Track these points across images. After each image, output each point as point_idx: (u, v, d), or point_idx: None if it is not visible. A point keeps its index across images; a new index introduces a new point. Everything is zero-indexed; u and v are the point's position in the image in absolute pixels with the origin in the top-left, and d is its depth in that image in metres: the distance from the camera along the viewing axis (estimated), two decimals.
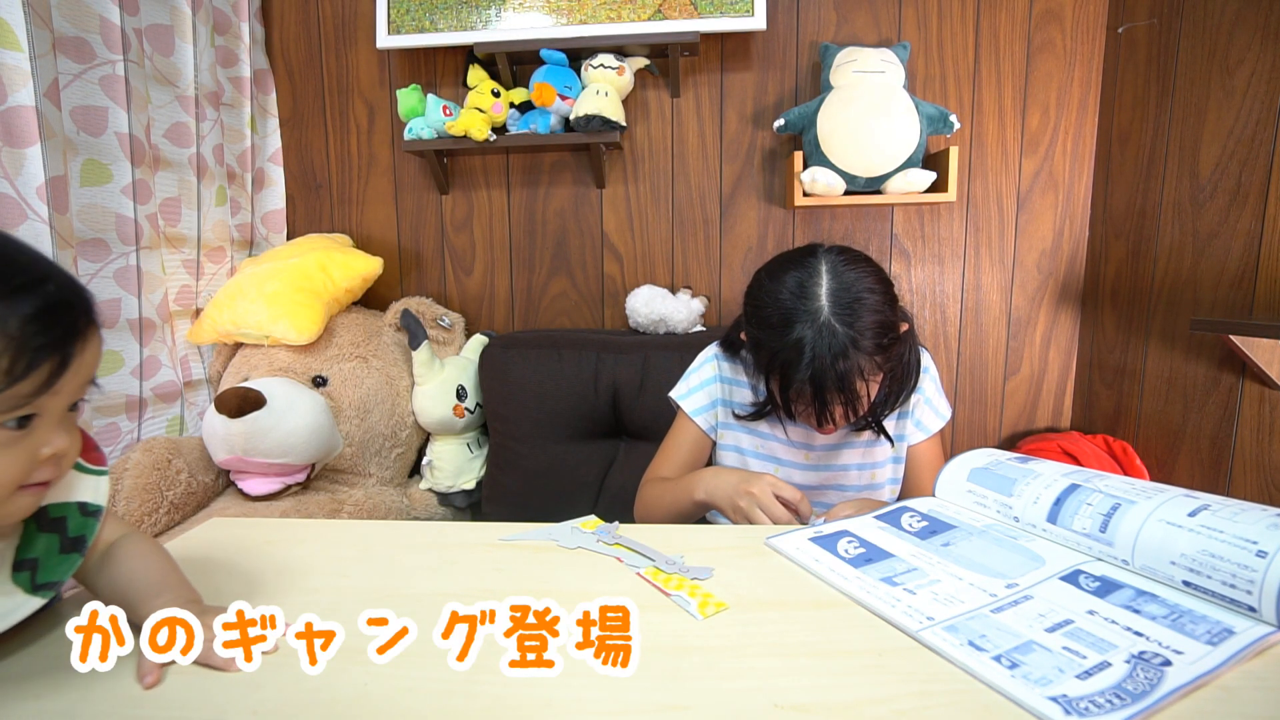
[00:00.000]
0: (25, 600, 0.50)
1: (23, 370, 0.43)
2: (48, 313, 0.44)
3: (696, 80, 1.69)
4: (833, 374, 0.77)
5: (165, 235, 1.46)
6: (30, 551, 0.50)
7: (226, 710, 0.44)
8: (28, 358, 0.43)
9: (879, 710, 0.43)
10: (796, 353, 0.78)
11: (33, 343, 0.43)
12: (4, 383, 0.42)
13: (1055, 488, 0.65)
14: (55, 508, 0.52)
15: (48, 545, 0.51)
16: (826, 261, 0.82)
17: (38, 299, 0.44)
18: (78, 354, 0.46)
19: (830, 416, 0.81)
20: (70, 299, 0.46)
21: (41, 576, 0.50)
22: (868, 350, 0.78)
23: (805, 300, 0.79)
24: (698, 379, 1.04)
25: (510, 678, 0.47)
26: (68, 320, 0.46)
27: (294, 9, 1.76)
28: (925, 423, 0.99)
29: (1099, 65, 1.60)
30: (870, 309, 0.79)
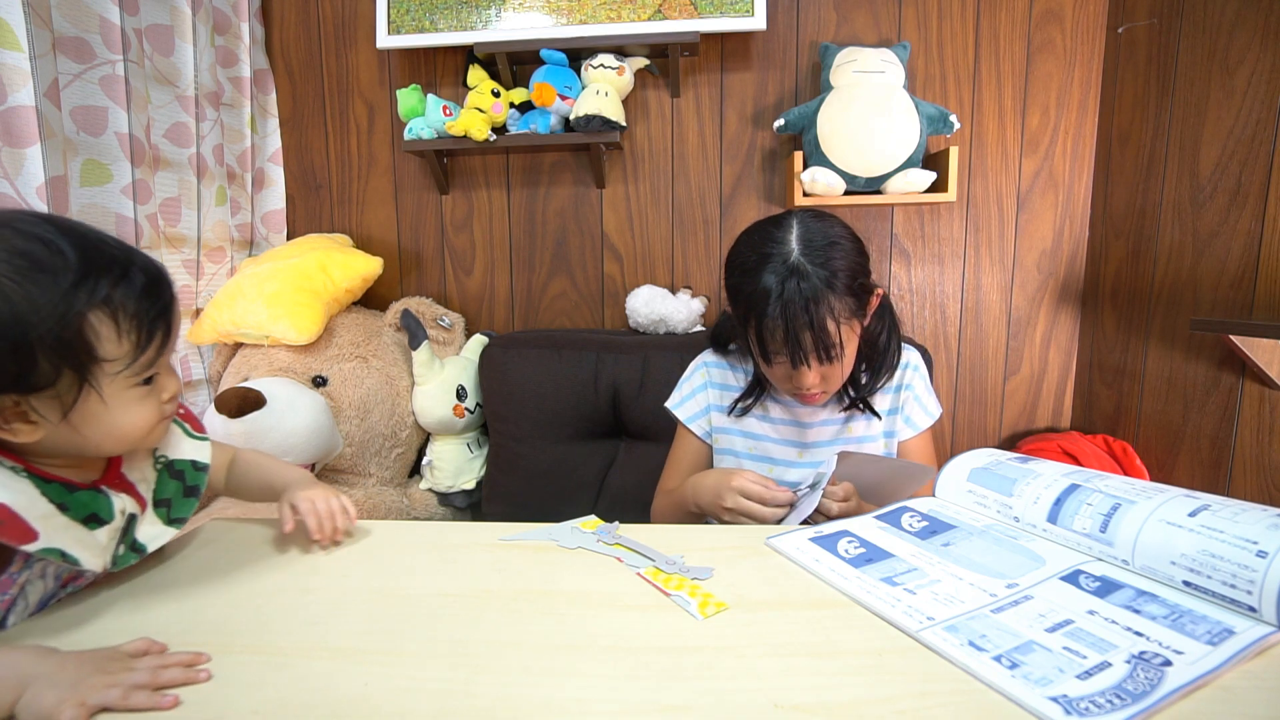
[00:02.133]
0: (165, 530, 0.65)
1: (146, 340, 0.55)
2: (150, 289, 0.56)
3: (696, 80, 1.69)
4: (802, 310, 0.80)
5: (165, 235, 1.46)
6: (164, 493, 0.66)
7: (226, 710, 0.44)
8: (148, 329, 0.55)
9: (879, 710, 0.43)
10: (766, 291, 0.82)
11: (148, 317, 0.55)
12: (135, 353, 0.55)
13: (1055, 488, 0.65)
14: (178, 462, 0.69)
15: (175, 489, 0.67)
16: (797, 216, 0.88)
17: (139, 279, 0.55)
18: (175, 317, 0.59)
19: (804, 358, 0.83)
20: (156, 275, 0.57)
21: (174, 513, 0.66)
22: (838, 290, 0.81)
23: (776, 245, 0.84)
24: (689, 387, 1.07)
25: (510, 677, 0.47)
26: (165, 292, 0.57)
27: (294, 9, 1.76)
28: (915, 419, 1.00)
29: (1099, 65, 1.60)
30: (840, 252, 0.83)
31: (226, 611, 0.57)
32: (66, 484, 0.57)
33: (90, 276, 0.52)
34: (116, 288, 0.53)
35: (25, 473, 0.54)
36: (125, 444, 0.59)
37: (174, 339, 0.59)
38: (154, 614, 0.57)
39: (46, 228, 0.52)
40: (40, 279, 0.50)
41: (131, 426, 0.58)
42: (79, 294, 0.51)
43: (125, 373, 0.55)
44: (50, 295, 0.50)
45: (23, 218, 0.52)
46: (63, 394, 0.52)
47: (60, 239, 0.52)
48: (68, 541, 0.54)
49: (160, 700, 0.43)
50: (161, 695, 0.44)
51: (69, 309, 0.50)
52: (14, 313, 0.49)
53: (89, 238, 0.54)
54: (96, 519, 0.58)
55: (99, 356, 0.53)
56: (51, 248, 0.51)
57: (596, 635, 0.53)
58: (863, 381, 0.96)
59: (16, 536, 0.51)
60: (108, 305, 0.53)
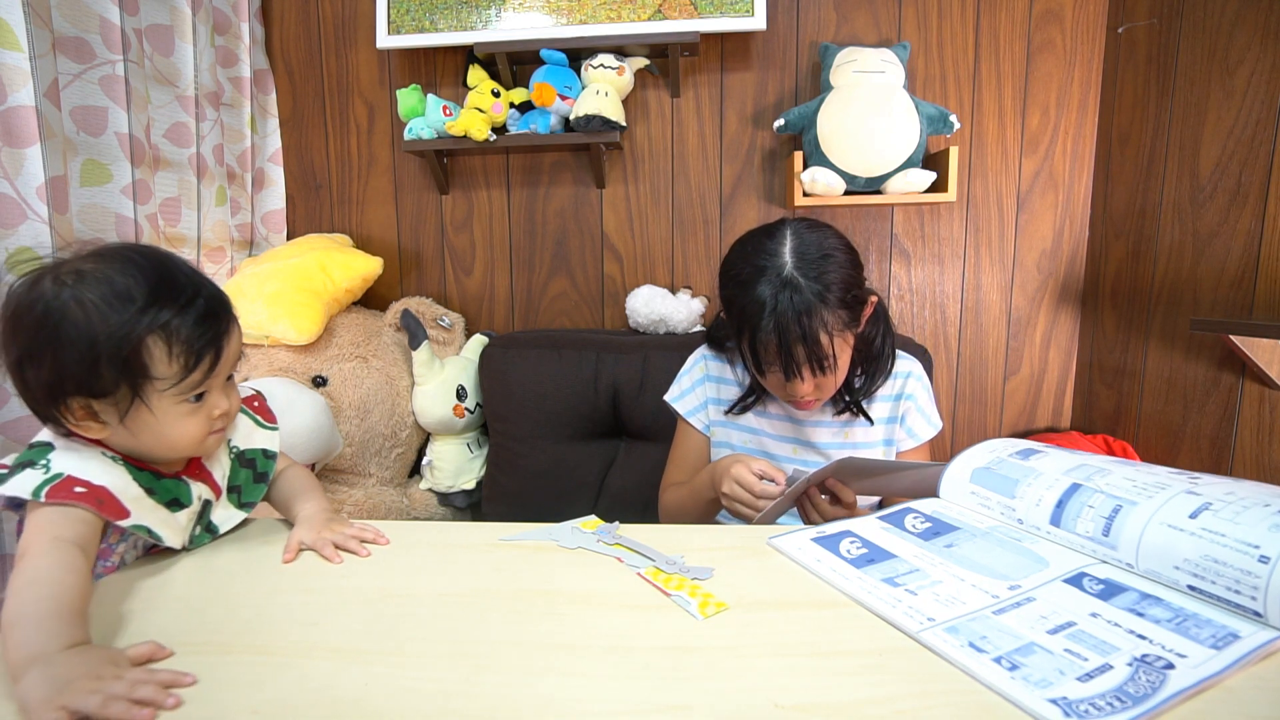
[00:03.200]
0: (236, 513, 0.75)
1: (194, 364, 0.63)
2: (205, 319, 0.64)
3: (696, 80, 1.69)
4: (795, 323, 0.80)
5: (165, 235, 1.46)
6: (236, 480, 0.76)
7: (226, 710, 0.44)
8: (196, 354, 0.63)
9: (879, 710, 0.43)
10: (760, 304, 0.82)
11: (198, 343, 0.63)
12: (183, 374, 0.62)
13: (1057, 489, 0.65)
14: (250, 451, 0.78)
15: (246, 476, 0.77)
16: (791, 227, 0.88)
17: (198, 309, 0.63)
18: (227, 345, 0.66)
19: (797, 371, 0.83)
20: (217, 306, 0.66)
21: (244, 498, 0.76)
22: (831, 304, 0.81)
23: (769, 258, 0.84)
24: (688, 381, 1.07)
25: (510, 678, 0.47)
26: (218, 322, 0.65)
27: (294, 9, 1.76)
28: (916, 430, 1.00)
29: (1099, 65, 1.60)
30: (833, 265, 0.83)
31: (226, 611, 0.57)
32: (154, 472, 0.67)
33: (154, 305, 0.61)
34: (175, 317, 0.61)
35: (121, 461, 0.65)
36: (175, 452, 0.67)
37: (225, 364, 0.66)
38: (154, 614, 0.57)
39: (139, 260, 0.62)
40: (115, 304, 0.59)
41: (179, 437, 0.65)
42: (142, 319, 0.60)
43: (172, 391, 0.63)
44: (119, 318, 0.59)
45: (125, 251, 0.63)
46: (120, 402, 0.61)
47: (141, 271, 0.61)
48: (154, 520, 0.64)
49: (137, 713, 0.43)
50: (138, 709, 0.43)
51: (131, 331, 0.59)
52: (90, 330, 0.59)
53: (167, 270, 0.64)
54: (178, 503, 0.68)
55: (151, 375, 0.61)
56: (133, 278, 0.61)
57: (596, 635, 0.53)
58: (857, 385, 0.96)
59: (113, 513, 0.61)
60: (164, 331, 0.61)
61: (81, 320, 0.59)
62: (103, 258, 0.62)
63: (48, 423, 0.64)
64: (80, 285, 0.60)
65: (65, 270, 0.61)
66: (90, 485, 0.61)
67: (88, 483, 0.61)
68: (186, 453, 0.69)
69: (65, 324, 0.59)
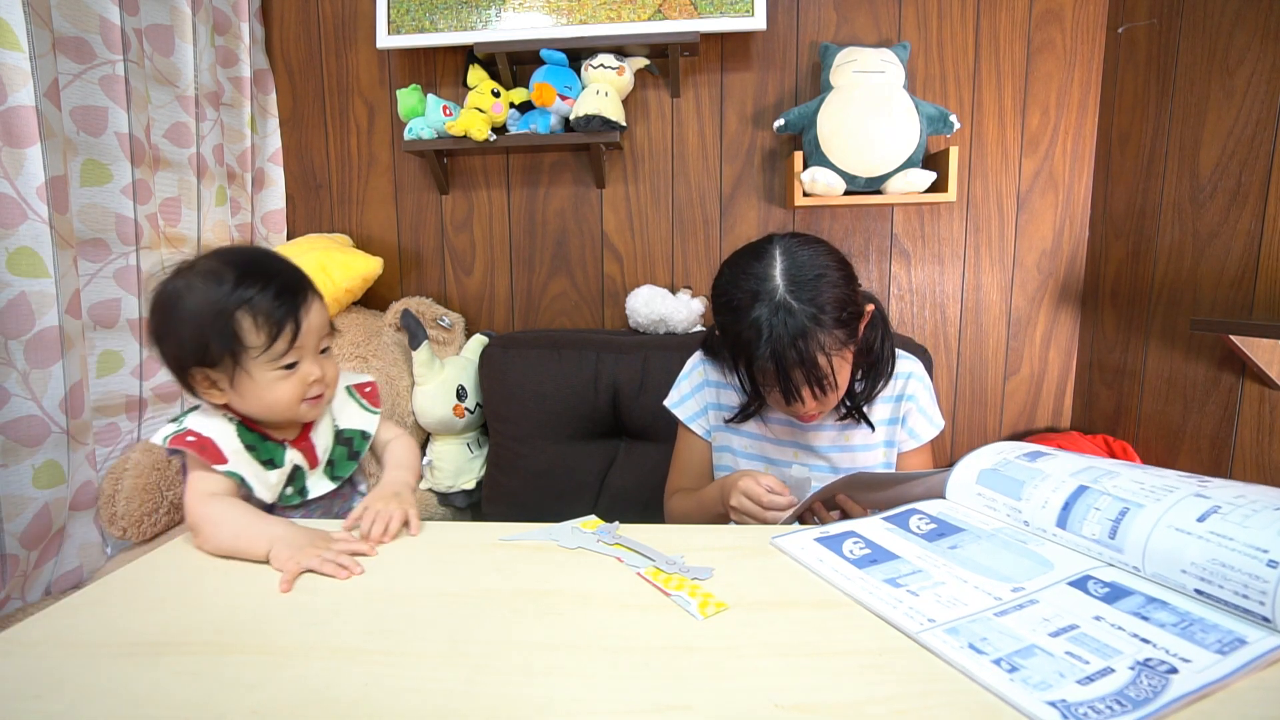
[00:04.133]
0: (327, 483, 0.86)
1: (276, 333, 0.74)
2: (282, 294, 0.75)
3: (696, 80, 1.69)
4: (791, 348, 0.79)
5: (165, 235, 1.46)
6: (333, 455, 0.87)
7: (226, 710, 0.44)
8: (277, 324, 0.74)
9: (879, 710, 0.43)
10: (755, 332, 0.80)
11: (276, 316, 0.74)
12: (268, 343, 0.74)
13: (1063, 491, 0.64)
14: (349, 430, 0.89)
15: (341, 453, 0.88)
16: (781, 245, 0.85)
17: (275, 285, 0.75)
18: (305, 317, 0.77)
19: (796, 393, 0.82)
20: (294, 284, 0.77)
21: (336, 471, 0.88)
22: (826, 325, 0.80)
23: (761, 282, 0.82)
24: (688, 386, 1.06)
25: (510, 677, 0.47)
26: (294, 297, 0.76)
27: (294, 9, 1.76)
28: (918, 431, 1.00)
29: (1099, 65, 1.60)
30: (827, 284, 0.81)
31: (226, 611, 0.57)
32: (263, 435, 0.81)
33: (240, 286, 0.73)
34: (257, 294, 0.73)
35: (236, 422, 0.79)
36: (275, 414, 0.79)
37: (307, 334, 0.77)
38: (154, 613, 0.57)
39: (233, 253, 0.77)
40: (212, 287, 0.73)
41: (275, 400, 0.77)
42: (231, 298, 0.73)
43: (263, 358, 0.74)
44: (215, 298, 0.73)
45: (226, 248, 0.78)
46: (227, 370, 0.74)
47: (233, 261, 0.75)
48: (247, 472, 0.77)
49: (340, 572, 0.62)
50: (340, 568, 0.63)
51: (224, 308, 0.72)
52: (197, 310, 0.73)
53: (254, 260, 0.77)
54: (272, 464, 0.80)
55: (244, 344, 0.73)
56: (226, 266, 0.74)
57: (596, 635, 0.52)
58: (858, 390, 0.95)
59: (212, 458, 0.75)
60: (249, 306, 0.73)
61: (189, 302, 0.73)
62: (209, 254, 0.77)
63: (187, 391, 0.78)
64: (189, 274, 0.75)
65: (184, 266, 0.76)
66: (199, 436, 0.76)
67: (198, 434, 0.76)
68: (286, 415, 0.79)
69: (179, 307, 0.74)
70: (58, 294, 1.13)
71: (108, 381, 1.31)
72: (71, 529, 1.22)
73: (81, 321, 1.21)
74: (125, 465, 1.28)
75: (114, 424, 1.32)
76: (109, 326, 1.30)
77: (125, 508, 1.24)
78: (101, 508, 1.27)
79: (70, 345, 1.16)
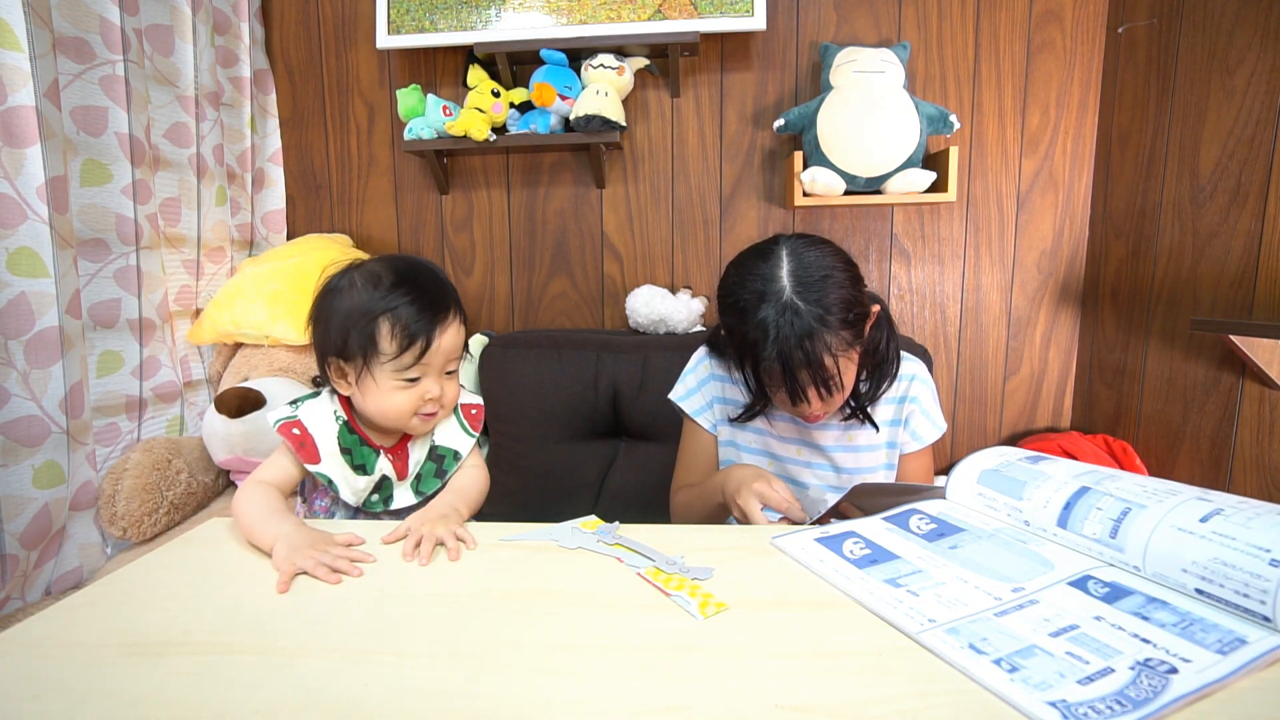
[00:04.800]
0: (410, 496, 0.87)
1: (407, 345, 0.77)
2: (424, 312, 0.78)
3: (696, 80, 1.69)
4: (798, 350, 0.79)
5: (165, 235, 1.46)
6: (422, 469, 0.88)
7: (226, 710, 0.44)
8: (409, 340, 0.77)
9: (879, 710, 0.43)
10: (762, 333, 0.80)
11: (412, 330, 0.77)
12: (397, 354, 0.77)
13: (1065, 491, 0.64)
14: (443, 448, 0.89)
15: (430, 469, 0.88)
16: (787, 246, 0.85)
17: (421, 301, 0.78)
18: (439, 337, 0.79)
19: (802, 394, 0.82)
20: (435, 298, 0.79)
21: (422, 486, 0.88)
22: (833, 326, 0.80)
23: (768, 283, 0.82)
24: (694, 380, 1.05)
25: (510, 677, 0.47)
26: (435, 316, 0.79)
27: (294, 9, 1.76)
28: (920, 433, 1.00)
29: (1099, 65, 1.60)
30: (833, 285, 0.81)
31: (226, 611, 0.57)
32: (364, 439, 0.84)
33: (391, 293, 0.77)
34: (401, 304, 0.77)
35: (343, 422, 0.83)
36: (385, 420, 0.81)
37: (436, 354, 0.79)
38: (154, 613, 0.57)
39: (397, 261, 0.82)
40: (366, 291, 0.78)
41: (389, 407, 0.79)
42: (379, 303, 0.77)
43: (389, 365, 0.78)
44: (366, 299, 0.77)
45: (394, 255, 0.82)
46: (357, 367, 0.78)
47: (394, 269, 0.80)
48: (337, 474, 0.81)
49: (330, 577, 0.62)
50: (333, 574, 0.62)
51: (370, 310, 0.77)
52: (349, 306, 0.78)
53: (412, 272, 0.80)
54: (363, 470, 0.83)
55: (377, 348, 0.77)
56: (387, 272, 0.79)
57: (597, 635, 0.52)
58: (863, 390, 0.95)
59: (308, 457, 0.80)
60: (392, 314, 0.77)
61: (346, 297, 0.78)
62: (379, 258, 0.82)
63: (323, 376, 0.83)
64: (356, 272, 0.80)
65: (356, 263, 0.82)
66: (304, 431, 0.81)
67: (304, 429, 0.81)
68: (397, 423, 0.81)
69: (336, 299, 0.79)
70: (58, 294, 1.13)
71: (108, 381, 1.31)
72: (71, 529, 1.22)
73: (81, 321, 1.21)
74: (125, 465, 1.28)
75: (114, 424, 1.32)
76: (109, 326, 1.30)
77: (125, 508, 1.24)
78: (101, 508, 1.27)
79: (70, 345, 1.16)
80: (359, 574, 0.64)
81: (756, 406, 0.98)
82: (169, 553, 0.70)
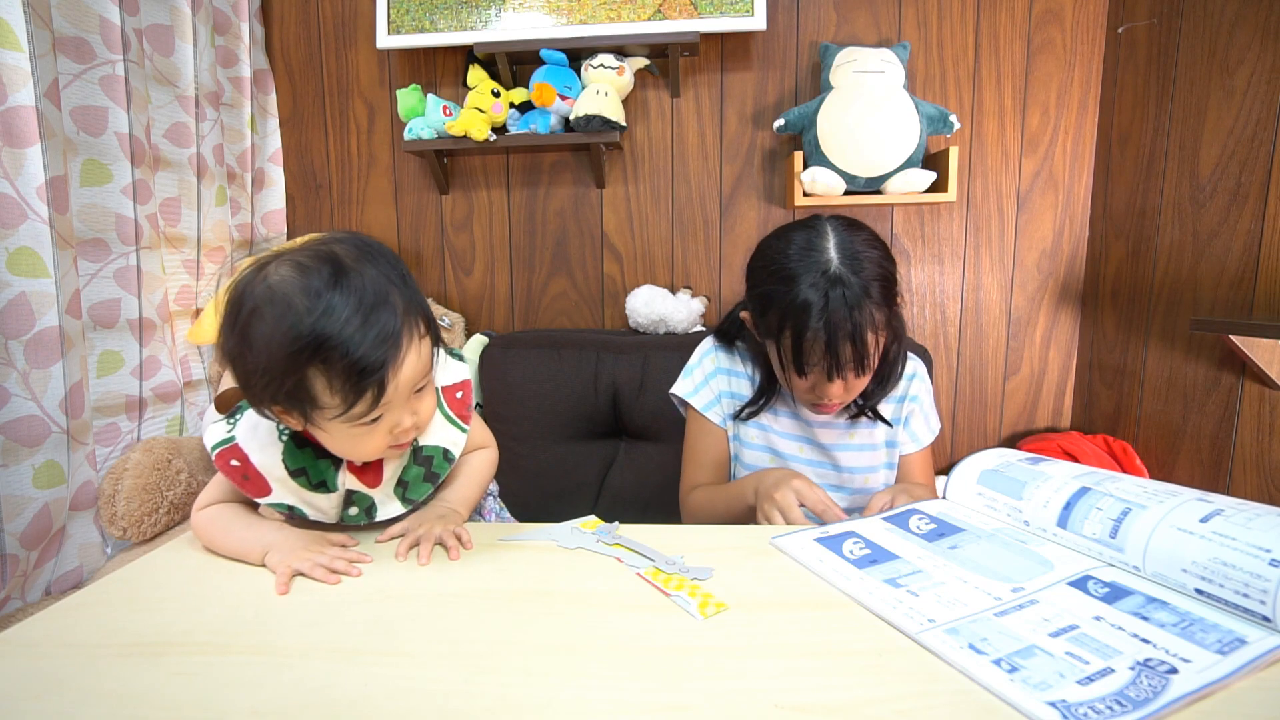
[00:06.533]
0: (398, 506, 0.74)
1: (355, 399, 0.60)
2: (365, 342, 0.59)
3: (696, 80, 1.69)
4: (846, 320, 0.79)
5: (165, 235, 1.46)
6: (406, 475, 0.75)
7: (226, 710, 0.44)
8: (355, 391, 0.60)
9: (879, 710, 0.43)
10: (808, 302, 0.80)
11: (354, 379, 0.59)
12: (344, 409, 0.60)
13: (1065, 491, 0.64)
14: (429, 449, 0.76)
15: (417, 474, 0.75)
16: (830, 223, 0.86)
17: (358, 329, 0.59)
18: (393, 374, 0.61)
19: (839, 369, 0.81)
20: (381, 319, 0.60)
21: (409, 493, 0.75)
22: (876, 300, 0.80)
23: (815, 253, 0.82)
24: (701, 374, 1.03)
25: (510, 678, 0.47)
26: (380, 343, 0.60)
27: (294, 9, 1.76)
28: (919, 434, 1.00)
29: (1099, 65, 1.60)
30: (875, 262, 0.82)
31: (226, 611, 0.57)
32: (318, 450, 0.70)
33: (317, 329, 0.58)
34: (334, 351, 0.58)
35: (287, 438, 0.70)
36: (358, 458, 0.70)
37: (393, 392, 0.62)
38: (154, 614, 0.57)
39: (319, 264, 0.60)
40: (284, 318, 0.58)
41: (357, 452, 0.68)
42: (303, 349, 0.58)
43: (339, 419, 0.61)
44: (285, 340, 0.58)
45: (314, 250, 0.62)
46: (300, 417, 0.63)
47: (317, 276, 0.59)
48: (295, 500, 0.71)
49: (329, 578, 0.62)
50: (331, 574, 0.62)
51: (294, 361, 0.58)
52: (264, 344, 0.58)
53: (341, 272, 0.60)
54: (324, 486, 0.71)
55: (318, 404, 0.61)
56: (302, 291, 0.59)
57: (596, 635, 0.52)
58: (870, 389, 0.95)
59: (255, 491, 0.69)
60: (323, 365, 0.59)
61: (258, 330, 0.59)
62: (290, 256, 0.62)
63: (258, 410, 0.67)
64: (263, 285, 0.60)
65: (261, 265, 0.62)
66: (245, 462, 0.69)
67: (245, 458, 0.69)
68: (370, 458, 0.70)
69: (249, 330, 0.59)
70: (58, 294, 1.13)
71: (108, 381, 1.31)
72: (71, 529, 1.22)
73: (81, 321, 1.21)
74: (125, 465, 1.28)
75: (114, 424, 1.32)
76: (109, 326, 1.30)
77: (125, 508, 1.24)
78: (101, 508, 1.27)
79: (70, 345, 1.16)
80: (358, 574, 0.63)
81: (762, 400, 0.97)
82: (169, 553, 0.70)
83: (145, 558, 0.69)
